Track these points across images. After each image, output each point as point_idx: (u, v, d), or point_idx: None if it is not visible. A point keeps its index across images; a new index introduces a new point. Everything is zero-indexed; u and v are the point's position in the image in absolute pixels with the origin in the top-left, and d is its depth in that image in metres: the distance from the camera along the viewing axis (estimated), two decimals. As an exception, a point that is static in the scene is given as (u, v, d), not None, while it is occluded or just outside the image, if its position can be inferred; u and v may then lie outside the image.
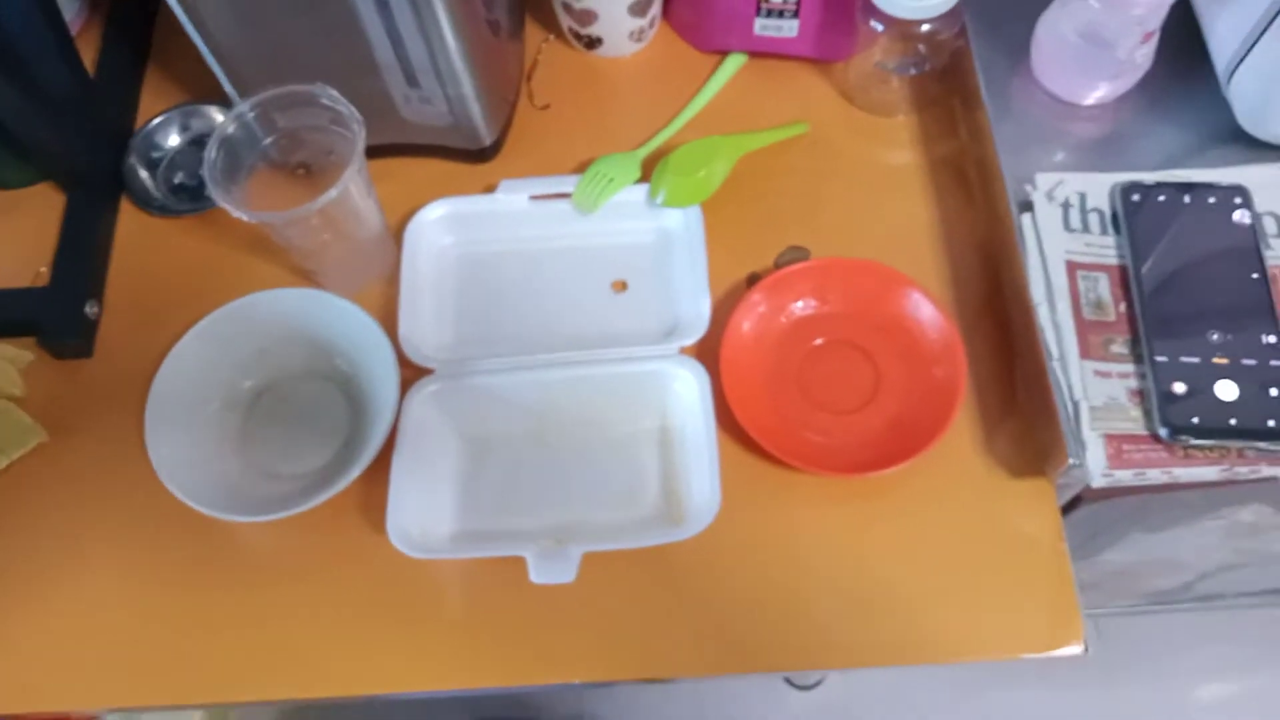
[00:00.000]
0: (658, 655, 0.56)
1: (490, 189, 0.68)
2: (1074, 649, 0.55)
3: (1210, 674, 1.27)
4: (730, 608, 0.57)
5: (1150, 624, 1.25)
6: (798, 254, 0.66)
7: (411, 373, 0.61)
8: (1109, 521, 0.73)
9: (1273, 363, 0.53)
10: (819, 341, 0.63)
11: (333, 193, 0.56)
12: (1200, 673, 1.27)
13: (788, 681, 1.28)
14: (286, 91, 0.59)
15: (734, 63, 0.74)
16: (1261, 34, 0.55)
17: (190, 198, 0.71)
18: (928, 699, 1.26)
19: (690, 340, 0.61)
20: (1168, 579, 0.98)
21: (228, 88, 0.65)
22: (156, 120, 0.73)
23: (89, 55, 0.75)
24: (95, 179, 0.71)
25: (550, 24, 0.76)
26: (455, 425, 0.61)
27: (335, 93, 0.59)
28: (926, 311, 0.60)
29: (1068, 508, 0.66)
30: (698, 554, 0.56)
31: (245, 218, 0.56)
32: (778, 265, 0.66)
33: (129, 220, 0.71)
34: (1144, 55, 0.61)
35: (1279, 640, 1.27)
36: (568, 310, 0.65)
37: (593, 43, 0.74)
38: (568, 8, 0.71)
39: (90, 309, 0.66)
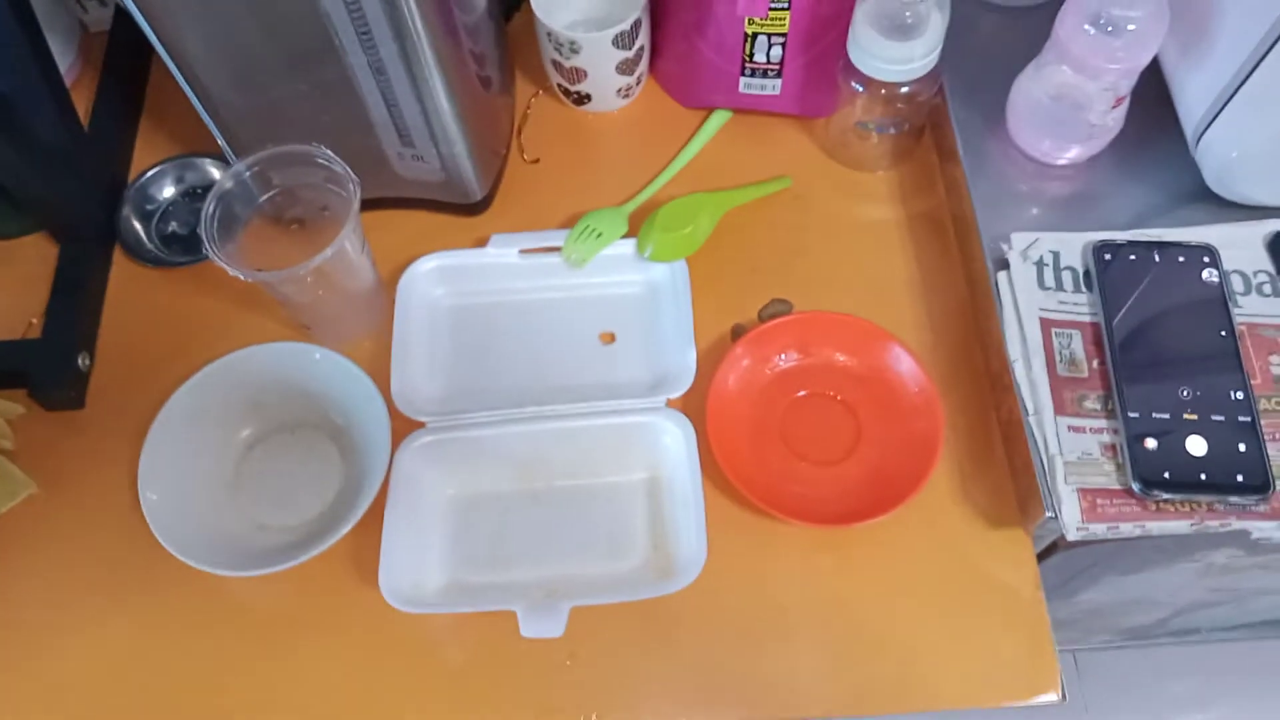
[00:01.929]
0: (647, 704, 0.57)
1: (481, 241, 0.69)
2: (1051, 697, 0.56)
3: (1186, 706, 1.29)
4: (716, 657, 0.58)
5: (1126, 658, 1.27)
6: (781, 306, 0.67)
7: (403, 424, 0.62)
8: (1084, 565, 0.75)
9: (1240, 418, 0.55)
10: (802, 393, 0.64)
11: (328, 252, 0.57)
12: (1176, 705, 1.29)
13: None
14: (283, 151, 0.60)
15: (719, 119, 0.75)
16: (1228, 100, 0.57)
17: (184, 249, 0.72)
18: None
19: (676, 393, 0.62)
20: (1143, 616, 0.99)
21: (222, 143, 0.67)
22: (151, 172, 0.74)
23: (83, 106, 0.76)
24: (88, 230, 0.72)
25: (539, 78, 0.78)
26: (446, 477, 0.62)
27: (330, 153, 0.60)
28: (906, 365, 0.62)
29: (1044, 553, 0.67)
30: (685, 603, 0.57)
31: (241, 276, 0.57)
32: (761, 318, 0.67)
33: (122, 271, 0.72)
34: (1115, 119, 0.63)
35: (1251, 672, 1.28)
36: (557, 362, 0.66)
37: (581, 99, 0.76)
38: (558, 65, 0.73)
39: (82, 360, 0.66)
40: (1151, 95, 0.64)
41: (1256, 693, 1.28)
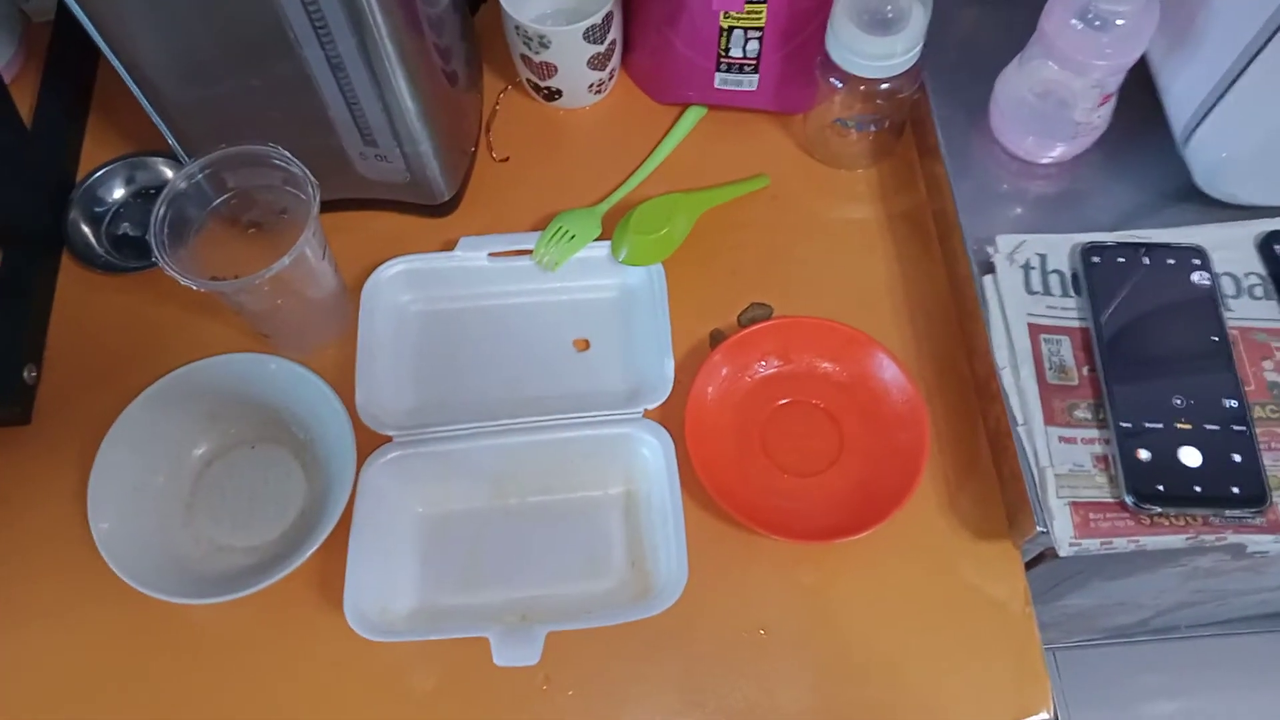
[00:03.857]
0: (625, 730, 0.55)
1: (449, 244, 0.67)
2: (1042, 716, 0.54)
3: (1158, 696, 1.29)
4: (696, 678, 0.56)
5: (1103, 654, 1.27)
6: (760, 310, 0.65)
7: (368, 438, 0.59)
8: (1072, 572, 0.73)
9: (1235, 427, 0.53)
10: (783, 401, 0.62)
11: (285, 260, 0.54)
12: (1149, 695, 1.29)
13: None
14: (238, 152, 0.57)
15: (694, 115, 0.73)
16: (1219, 99, 0.56)
17: (136, 254, 0.69)
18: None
19: (654, 404, 0.60)
20: (1126, 617, 0.99)
21: (173, 143, 0.63)
22: (99, 172, 0.70)
23: (25, 103, 0.72)
24: (33, 234, 0.68)
25: (508, 73, 0.75)
26: (415, 495, 0.59)
27: (288, 154, 0.57)
28: (890, 373, 0.60)
29: (1032, 562, 0.66)
30: (664, 623, 0.55)
31: (193, 285, 0.54)
32: (741, 322, 0.65)
33: (70, 277, 0.68)
34: (1101, 116, 0.61)
35: (1225, 664, 1.29)
36: (529, 370, 0.64)
37: (552, 95, 0.73)
38: (527, 60, 0.70)
39: (28, 373, 0.63)
40: (1139, 92, 0.62)
41: (1229, 683, 1.29)
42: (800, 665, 0.56)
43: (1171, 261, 0.58)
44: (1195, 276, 0.58)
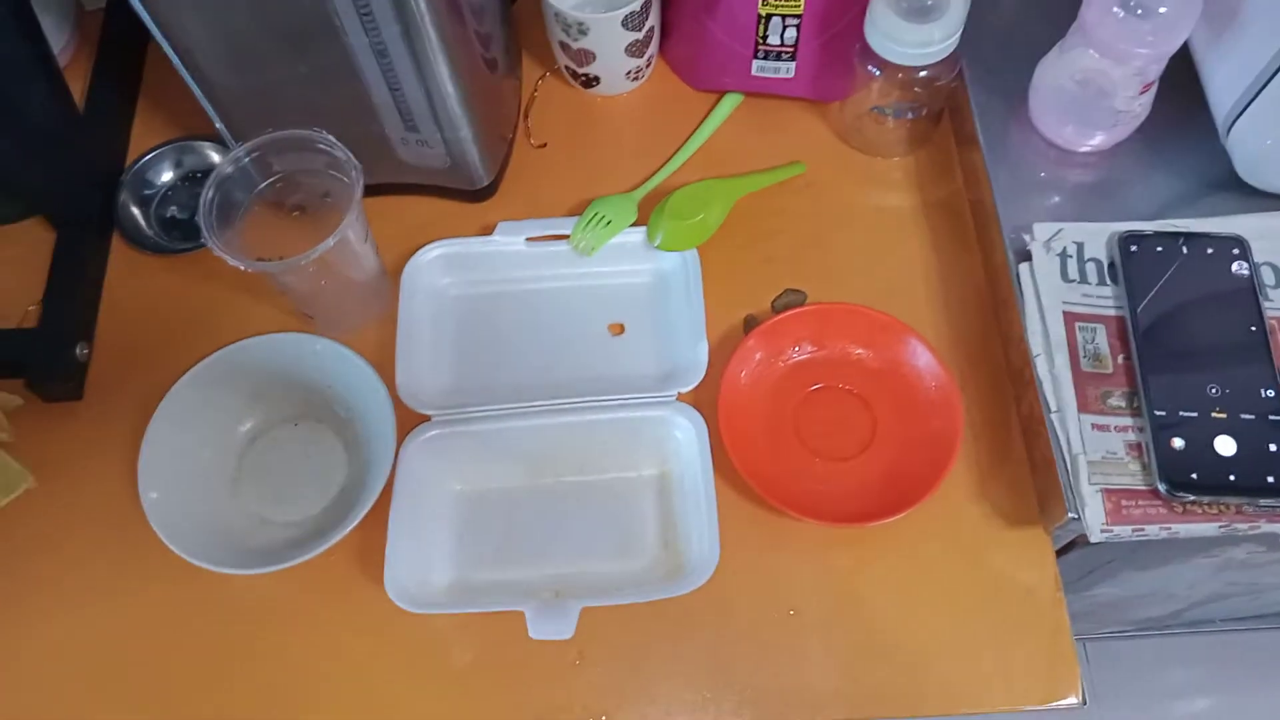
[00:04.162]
0: (657, 705, 0.56)
1: (487, 228, 0.68)
2: (1071, 700, 0.55)
3: (1190, 692, 1.29)
4: (726, 657, 0.57)
5: (1135, 646, 1.26)
6: (794, 297, 0.66)
7: (408, 417, 0.60)
8: (1103, 560, 0.73)
9: (1271, 417, 0.53)
10: (816, 387, 0.63)
11: (330, 242, 0.55)
12: (1180, 691, 1.28)
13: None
14: (284, 136, 0.59)
15: (730, 102, 0.73)
16: (1263, 87, 0.55)
17: (183, 235, 0.70)
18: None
19: (688, 387, 0.61)
20: (1158, 608, 0.98)
21: (220, 127, 0.65)
22: (148, 156, 0.72)
23: (78, 88, 0.74)
24: (85, 215, 0.70)
25: (546, 59, 0.76)
26: (452, 473, 0.60)
27: (332, 138, 0.58)
28: (924, 359, 0.61)
29: (1063, 549, 0.66)
30: (696, 602, 0.56)
31: (241, 266, 0.56)
32: (774, 308, 0.66)
33: (120, 258, 0.70)
34: (1142, 105, 0.61)
35: (1258, 660, 1.28)
36: (565, 353, 0.65)
37: (590, 81, 0.74)
38: (565, 47, 0.71)
39: (80, 351, 0.65)
40: (1179, 79, 0.62)
41: (1263, 680, 1.27)
42: (830, 646, 0.56)
43: (1210, 251, 0.58)
44: (1234, 266, 0.58)
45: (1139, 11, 0.55)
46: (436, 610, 0.55)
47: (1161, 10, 0.55)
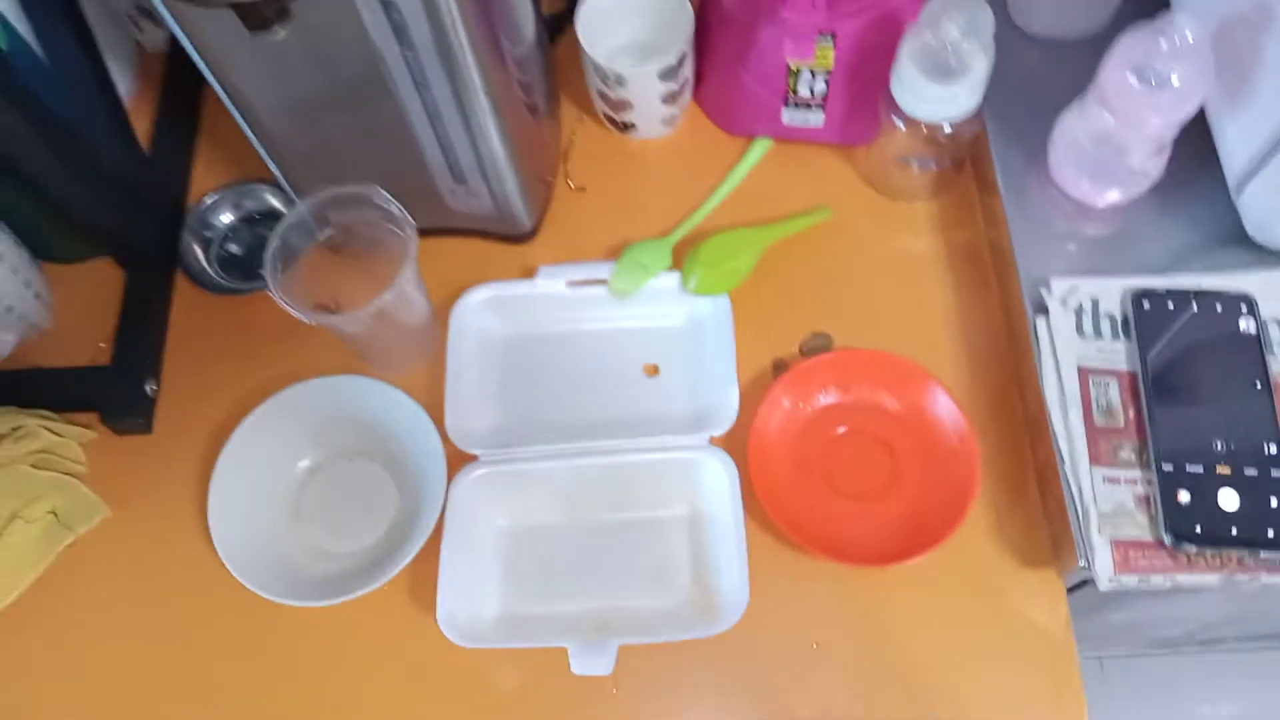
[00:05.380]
0: (688, 734, 0.60)
1: (529, 268, 0.71)
2: (1078, 737, 0.58)
3: (1206, 706, 1.31)
4: (755, 689, 0.60)
5: (1150, 665, 1.29)
6: (820, 340, 0.69)
7: (455, 454, 0.64)
8: (1114, 593, 0.76)
9: (1274, 473, 0.56)
10: (841, 430, 0.66)
11: (388, 296, 0.59)
12: (1198, 705, 1.31)
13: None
14: (343, 193, 0.62)
15: (760, 147, 0.76)
16: (1272, 152, 0.58)
17: (242, 275, 0.74)
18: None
19: (719, 431, 0.64)
20: (1172, 630, 1.01)
21: (277, 174, 0.69)
22: (210, 199, 0.76)
23: (142, 129, 0.78)
24: (150, 254, 0.74)
25: (583, 102, 0.79)
26: (499, 509, 0.64)
27: (387, 195, 0.62)
28: (945, 407, 0.64)
29: (1075, 586, 0.69)
30: (726, 637, 0.59)
31: (304, 318, 0.60)
32: (802, 351, 0.69)
33: (183, 297, 0.74)
34: (1156, 166, 0.64)
35: (1271, 676, 1.30)
36: (602, 394, 0.68)
37: (626, 127, 0.77)
38: (603, 95, 0.74)
39: (150, 387, 0.69)
40: (1194, 136, 0.64)
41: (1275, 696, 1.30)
42: (852, 680, 0.60)
43: (1219, 308, 0.61)
44: (1242, 323, 0.60)
45: (1153, 82, 0.58)
46: (486, 645, 0.59)
47: (1174, 80, 0.57)
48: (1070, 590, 0.63)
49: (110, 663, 0.63)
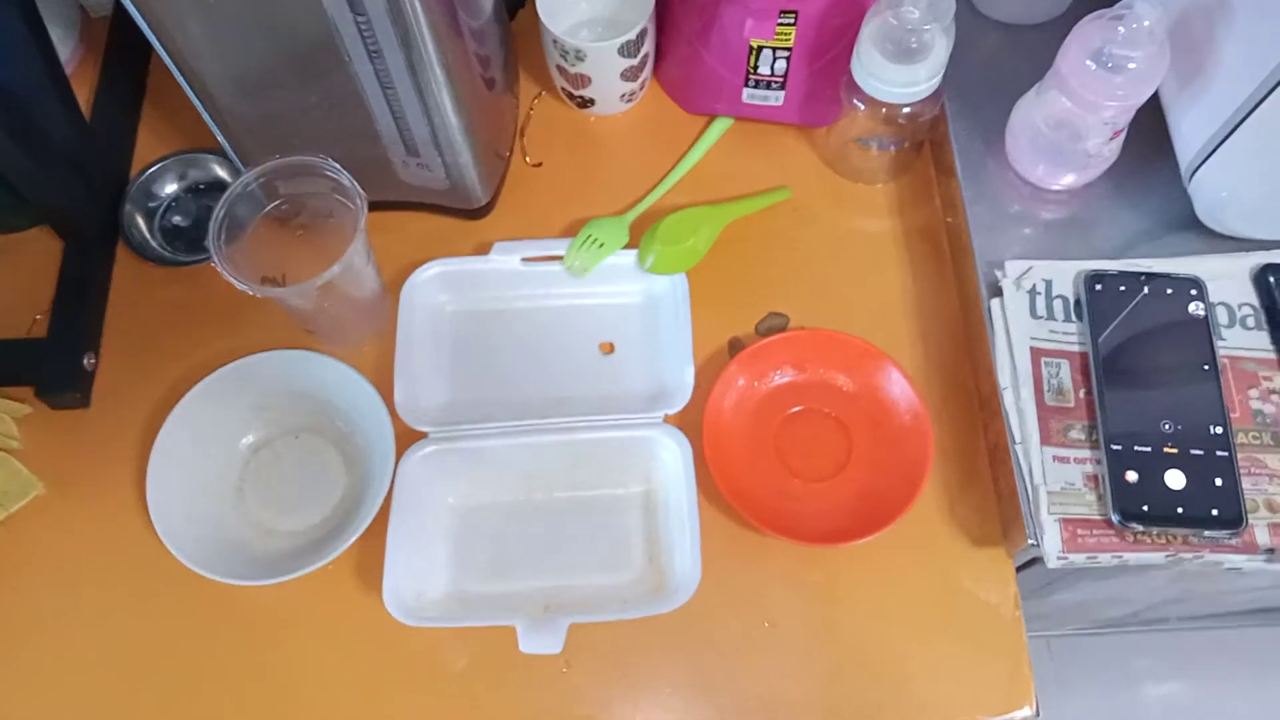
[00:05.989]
0: (643, 712, 0.59)
1: (484, 245, 0.70)
2: (1026, 711, 0.59)
3: (1150, 681, 1.34)
4: (708, 668, 0.60)
5: (1096, 643, 1.31)
6: (777, 320, 0.69)
7: (405, 431, 0.63)
8: (1061, 573, 0.77)
9: (1218, 453, 0.57)
10: (796, 409, 0.66)
11: (335, 269, 0.58)
12: (1141, 681, 1.34)
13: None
14: (291, 162, 0.61)
15: (720, 126, 0.76)
16: (1223, 140, 0.59)
17: (186, 247, 0.72)
18: None
19: (674, 409, 0.64)
20: (1116, 610, 1.03)
21: (224, 144, 0.67)
22: (154, 168, 0.74)
23: (83, 97, 0.76)
24: (92, 225, 0.72)
25: (542, 77, 0.78)
26: (448, 487, 0.63)
27: (338, 165, 0.60)
28: (899, 387, 0.64)
29: (1024, 565, 0.70)
30: (678, 615, 0.58)
31: (248, 290, 0.58)
32: (758, 331, 0.69)
33: (125, 269, 0.72)
34: (1111, 150, 0.64)
35: (1217, 653, 1.33)
36: (557, 371, 0.67)
37: (585, 103, 0.76)
38: (562, 70, 0.73)
39: (88, 361, 0.67)
40: (1149, 123, 0.65)
41: (1218, 672, 1.33)
42: (805, 659, 0.60)
43: (1170, 291, 0.62)
44: (1191, 306, 0.61)
45: (1110, 65, 0.58)
46: (432, 624, 0.58)
47: (1131, 65, 0.58)
48: (1019, 569, 0.63)
49: (45, 646, 0.61)
